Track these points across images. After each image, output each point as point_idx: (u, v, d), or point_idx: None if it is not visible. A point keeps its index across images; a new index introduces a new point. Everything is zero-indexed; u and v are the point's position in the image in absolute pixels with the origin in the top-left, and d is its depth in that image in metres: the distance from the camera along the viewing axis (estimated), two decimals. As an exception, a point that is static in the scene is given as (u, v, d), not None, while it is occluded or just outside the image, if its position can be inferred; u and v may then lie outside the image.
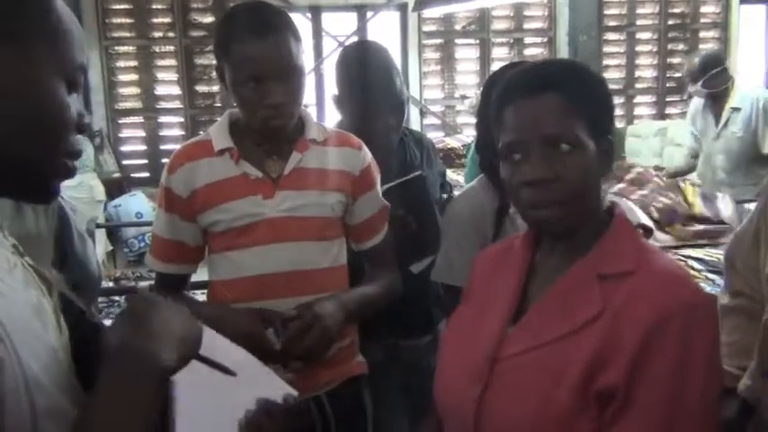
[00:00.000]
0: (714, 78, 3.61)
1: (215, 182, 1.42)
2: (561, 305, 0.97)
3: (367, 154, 1.53)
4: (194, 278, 1.61)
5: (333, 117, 1.95)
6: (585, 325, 0.93)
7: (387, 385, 1.65)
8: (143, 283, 3.04)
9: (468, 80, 6.87)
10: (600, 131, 0.99)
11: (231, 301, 1.42)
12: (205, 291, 1.64)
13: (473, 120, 4.24)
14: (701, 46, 7.13)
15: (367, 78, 1.79)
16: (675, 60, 7.17)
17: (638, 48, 7.14)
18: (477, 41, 6.86)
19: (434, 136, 6.31)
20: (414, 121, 6.69)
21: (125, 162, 6.33)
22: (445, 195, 2.09)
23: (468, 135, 6.17)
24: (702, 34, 7.23)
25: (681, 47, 7.19)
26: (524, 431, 0.93)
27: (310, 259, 1.43)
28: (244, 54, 1.34)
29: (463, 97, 3.72)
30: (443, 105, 6.87)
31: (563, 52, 6.66)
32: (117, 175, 5.97)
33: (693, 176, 3.84)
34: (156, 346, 0.73)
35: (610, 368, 0.88)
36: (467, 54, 6.90)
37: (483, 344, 1.01)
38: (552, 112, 0.96)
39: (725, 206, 2.86)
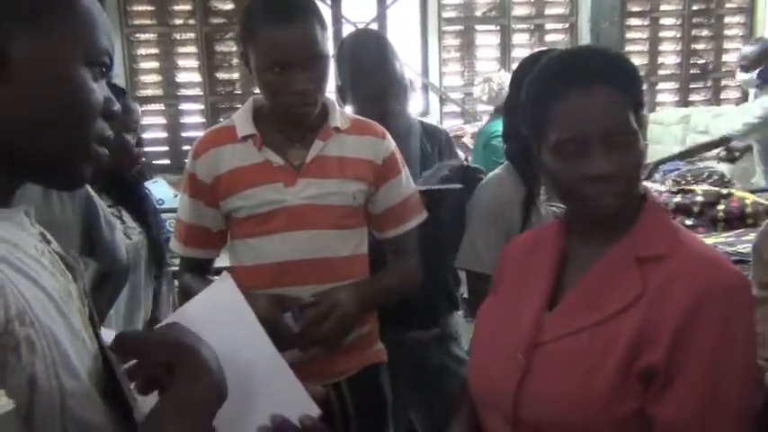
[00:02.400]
0: None
1: (238, 168, 1.43)
2: (600, 289, 0.99)
3: (391, 142, 1.52)
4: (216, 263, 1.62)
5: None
6: (626, 307, 0.95)
7: (395, 376, 1.65)
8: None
9: (489, 67, 6.80)
10: (639, 119, 1.01)
11: (251, 288, 1.42)
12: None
13: (491, 107, 4.19)
14: (725, 32, 7.01)
15: (362, 67, 1.80)
16: (699, 47, 7.05)
17: (662, 34, 7.03)
18: (498, 28, 6.80)
19: (453, 123, 6.28)
20: (433, 108, 6.66)
21: (146, 149, 6.37)
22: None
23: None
24: (728, 20, 7.10)
25: (705, 33, 7.06)
26: (566, 414, 0.95)
27: (331, 247, 1.43)
28: (271, 39, 1.34)
29: (486, 80, 3.69)
30: (463, 92, 6.82)
31: (584, 39, 6.58)
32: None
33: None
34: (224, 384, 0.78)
35: (651, 348, 0.91)
36: (487, 41, 6.84)
37: (520, 331, 1.02)
38: (609, 104, 0.97)
39: None
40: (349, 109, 1.90)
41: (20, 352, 0.63)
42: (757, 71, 3.39)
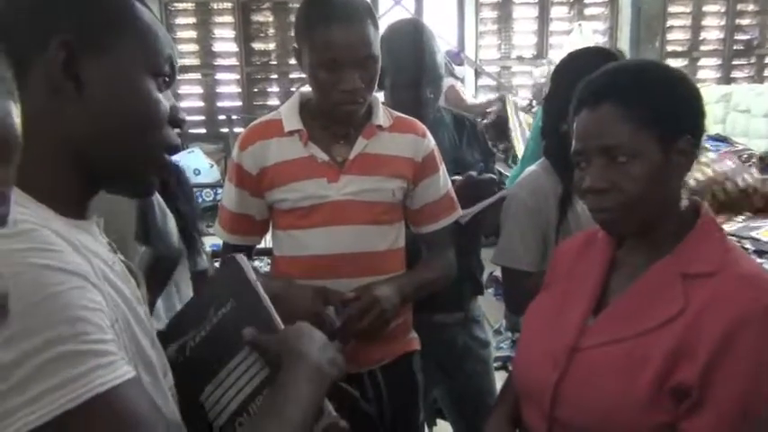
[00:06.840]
0: None
1: (283, 161, 1.47)
2: (643, 301, 1.01)
3: (431, 141, 1.56)
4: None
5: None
6: (666, 323, 0.97)
7: (422, 357, 1.70)
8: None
9: (526, 40, 6.73)
10: (673, 135, 1.00)
11: (291, 277, 1.49)
12: (268, 257, 1.69)
13: (529, 81, 4.15)
14: (772, 7, 6.81)
15: (398, 54, 1.81)
16: (744, 22, 6.88)
17: (705, 8, 6.86)
18: (536, 0, 6.70)
19: (488, 97, 6.25)
20: (468, 81, 6.62)
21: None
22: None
23: (524, 98, 6.07)
24: (775, -7, 6.90)
25: (751, 7, 6.87)
26: (598, 419, 0.98)
27: (370, 242, 1.48)
28: (326, 39, 1.36)
29: (520, 58, 3.68)
30: (499, 66, 6.76)
31: (625, 13, 6.45)
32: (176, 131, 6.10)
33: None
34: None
35: (686, 366, 0.93)
36: (525, 13, 6.75)
37: (564, 333, 1.06)
38: (608, 122, 1.00)
39: None
40: (382, 94, 1.93)
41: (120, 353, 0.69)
42: None
